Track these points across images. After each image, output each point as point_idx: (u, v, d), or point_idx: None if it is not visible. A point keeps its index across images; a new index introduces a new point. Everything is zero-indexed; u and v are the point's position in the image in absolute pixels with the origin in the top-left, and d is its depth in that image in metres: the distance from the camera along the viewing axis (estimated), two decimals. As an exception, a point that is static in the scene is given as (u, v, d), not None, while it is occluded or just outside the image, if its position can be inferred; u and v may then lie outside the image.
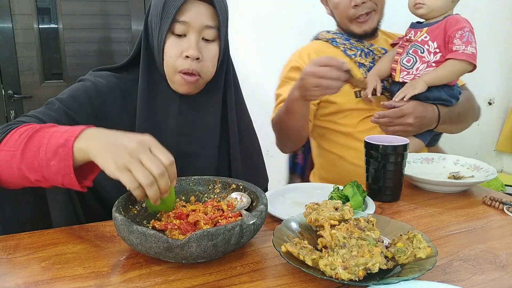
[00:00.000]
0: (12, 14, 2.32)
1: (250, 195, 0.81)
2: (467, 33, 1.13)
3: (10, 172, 0.72)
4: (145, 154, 0.65)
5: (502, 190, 2.74)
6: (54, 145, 0.68)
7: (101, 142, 0.67)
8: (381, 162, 0.95)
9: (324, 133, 1.36)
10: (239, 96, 1.05)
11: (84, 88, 0.90)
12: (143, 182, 0.63)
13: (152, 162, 0.65)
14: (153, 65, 0.93)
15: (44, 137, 0.70)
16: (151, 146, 0.67)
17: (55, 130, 0.72)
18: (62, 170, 0.68)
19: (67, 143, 0.68)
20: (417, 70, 1.20)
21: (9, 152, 0.72)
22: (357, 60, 1.26)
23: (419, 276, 0.57)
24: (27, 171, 0.70)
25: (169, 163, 0.67)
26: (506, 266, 0.68)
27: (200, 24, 0.86)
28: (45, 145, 0.69)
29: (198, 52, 0.87)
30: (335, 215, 0.68)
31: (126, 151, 0.65)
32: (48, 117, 0.83)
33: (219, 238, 0.62)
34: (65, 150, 0.67)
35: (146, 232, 0.61)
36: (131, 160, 0.64)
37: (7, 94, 2.38)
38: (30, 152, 0.70)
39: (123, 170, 0.64)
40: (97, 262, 0.68)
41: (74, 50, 2.47)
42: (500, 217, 0.89)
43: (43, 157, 0.69)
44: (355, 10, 1.19)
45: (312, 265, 0.61)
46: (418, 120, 1.16)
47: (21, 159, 0.70)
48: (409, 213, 0.91)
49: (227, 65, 0.99)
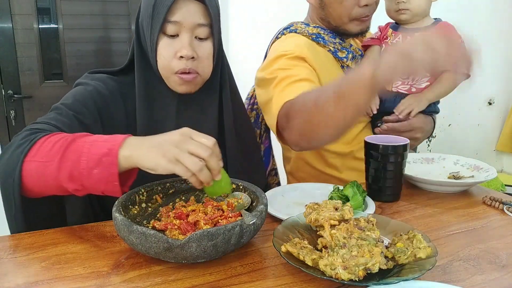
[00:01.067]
0: (12, 14, 2.32)
1: (250, 195, 0.81)
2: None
3: (43, 183, 0.73)
4: (190, 143, 0.69)
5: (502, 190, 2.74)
6: (97, 154, 0.70)
7: (146, 146, 0.70)
8: (381, 162, 0.95)
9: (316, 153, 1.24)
10: (236, 94, 1.05)
11: (87, 92, 0.90)
12: (193, 169, 0.67)
13: (198, 147, 0.68)
14: (148, 67, 0.92)
15: (83, 147, 0.71)
16: (192, 135, 0.70)
17: (94, 140, 0.73)
18: (105, 178, 0.70)
19: (111, 152, 0.69)
20: (413, 80, 1.14)
21: (42, 162, 0.72)
22: (348, 64, 1.16)
23: (419, 276, 0.57)
24: (64, 181, 0.71)
25: (213, 144, 0.70)
26: (506, 266, 0.68)
27: (192, 23, 0.85)
28: (86, 155, 0.70)
29: (192, 51, 0.86)
30: (335, 215, 0.68)
31: (173, 145, 0.68)
32: (61, 122, 0.83)
33: (219, 238, 0.62)
34: (110, 159, 0.69)
35: (146, 232, 0.61)
36: (179, 151, 0.68)
37: (7, 94, 2.38)
38: (69, 162, 0.71)
39: (175, 162, 0.67)
40: (97, 262, 0.68)
41: (74, 50, 2.47)
42: (500, 217, 0.89)
43: (85, 166, 0.70)
44: (362, 9, 1.11)
45: (312, 265, 0.61)
46: (424, 134, 1.17)
47: (59, 169, 0.71)
48: (409, 213, 0.91)
49: (222, 64, 0.98)
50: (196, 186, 0.71)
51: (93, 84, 0.92)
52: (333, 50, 1.16)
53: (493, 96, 3.27)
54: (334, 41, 1.16)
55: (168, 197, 0.84)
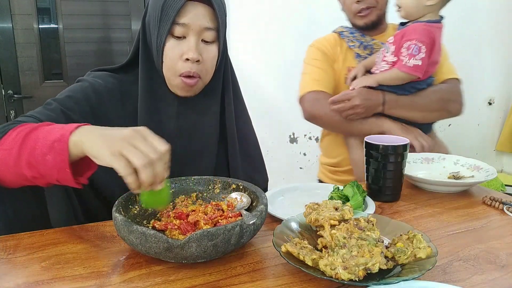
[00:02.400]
0: (12, 14, 2.32)
1: (250, 195, 0.81)
2: (413, 45, 1.22)
3: (7, 170, 0.73)
4: (141, 140, 0.64)
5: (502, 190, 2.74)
6: (50, 140, 0.69)
7: (96, 134, 0.67)
8: (381, 162, 0.95)
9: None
10: (238, 97, 1.05)
11: (81, 88, 0.90)
12: (138, 164, 0.62)
13: (148, 147, 0.63)
14: (152, 67, 0.92)
15: (40, 133, 0.71)
16: (146, 135, 0.66)
17: (52, 127, 0.72)
18: (57, 165, 0.68)
19: (62, 138, 0.68)
20: (379, 65, 1.33)
21: (6, 151, 0.72)
22: (356, 51, 1.42)
23: (419, 276, 0.57)
24: (23, 168, 0.71)
25: (164, 150, 0.65)
26: (506, 266, 0.68)
27: (200, 26, 0.86)
28: (41, 141, 0.69)
29: (198, 54, 0.86)
30: (335, 215, 0.68)
31: (120, 138, 0.64)
32: (46, 116, 0.83)
33: (219, 238, 0.62)
34: (61, 144, 0.67)
35: (146, 232, 0.61)
36: (125, 145, 0.63)
37: (7, 94, 2.38)
38: (27, 149, 0.70)
39: (118, 156, 0.62)
40: (97, 262, 0.68)
41: (74, 50, 2.47)
42: (500, 217, 0.89)
43: (39, 152, 0.69)
44: (357, 5, 1.34)
45: (312, 265, 0.61)
46: (364, 102, 1.27)
47: (18, 156, 0.71)
48: (409, 213, 0.91)
49: (225, 65, 0.98)
50: (132, 189, 0.64)
51: (90, 81, 0.92)
52: (346, 41, 1.44)
53: (493, 96, 3.27)
54: (349, 36, 1.43)
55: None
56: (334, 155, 1.49)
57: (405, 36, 1.26)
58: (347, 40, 1.43)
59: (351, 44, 1.42)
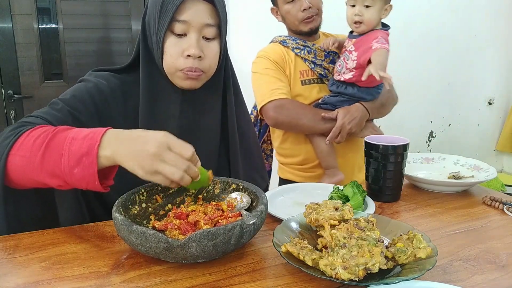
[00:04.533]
0: (12, 14, 2.32)
1: (250, 195, 0.81)
2: (380, 38, 1.40)
3: (26, 177, 0.73)
4: (167, 155, 0.69)
5: (502, 190, 2.74)
6: (77, 154, 0.70)
7: (125, 147, 0.70)
8: (381, 162, 0.95)
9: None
10: (239, 96, 1.05)
11: (86, 88, 0.90)
12: (174, 178, 0.69)
13: (176, 161, 0.69)
14: (154, 66, 0.92)
15: (63, 144, 0.71)
16: (169, 145, 0.69)
17: (73, 137, 0.72)
18: (86, 178, 0.70)
19: (90, 152, 0.70)
20: (343, 74, 1.47)
21: (25, 158, 0.72)
22: (302, 56, 1.56)
23: (419, 276, 0.57)
24: (48, 178, 0.72)
25: (190, 155, 0.70)
26: (506, 266, 0.68)
27: (200, 23, 0.86)
28: (66, 153, 0.70)
29: (200, 50, 0.86)
30: (335, 215, 0.68)
31: (149, 158, 0.68)
32: (53, 117, 0.83)
33: (219, 238, 0.62)
34: (89, 159, 0.69)
35: (146, 232, 0.61)
36: (156, 164, 0.68)
37: (7, 94, 2.38)
38: (51, 160, 0.71)
39: (153, 173, 0.69)
40: (97, 262, 0.68)
41: (74, 50, 2.47)
42: (500, 217, 0.89)
43: (66, 164, 0.70)
44: (303, 13, 1.50)
45: (312, 265, 0.61)
46: (354, 122, 1.43)
47: (41, 167, 0.71)
48: (409, 213, 0.91)
49: (225, 64, 0.98)
50: (175, 187, 0.76)
51: (94, 81, 0.92)
52: (291, 48, 1.56)
53: (493, 96, 3.27)
54: (292, 43, 1.57)
55: (168, 197, 0.84)
56: (297, 154, 1.59)
57: (369, 40, 1.40)
58: (292, 47, 1.56)
59: (297, 51, 1.55)
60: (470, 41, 3.03)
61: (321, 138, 1.49)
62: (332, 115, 1.45)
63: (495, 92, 3.27)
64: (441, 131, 3.15)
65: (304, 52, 1.55)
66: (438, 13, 2.87)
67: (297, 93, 1.54)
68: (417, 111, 2.99)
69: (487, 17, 3.04)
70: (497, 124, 3.37)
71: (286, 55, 1.55)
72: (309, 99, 1.55)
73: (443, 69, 2.99)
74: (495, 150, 3.41)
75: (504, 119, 3.35)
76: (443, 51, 2.94)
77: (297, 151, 1.59)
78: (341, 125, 1.42)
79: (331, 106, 1.49)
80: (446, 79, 3.04)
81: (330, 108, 1.49)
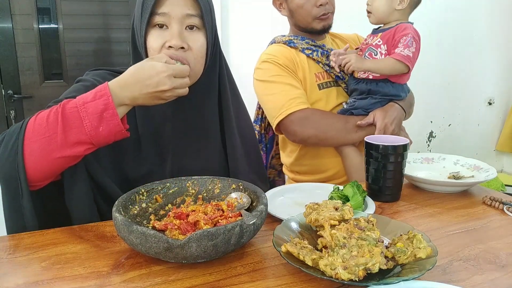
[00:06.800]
0: (12, 14, 2.32)
1: (250, 195, 0.81)
2: (409, 38, 1.28)
3: (48, 158, 0.75)
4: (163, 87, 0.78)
5: (502, 190, 2.74)
6: (96, 113, 0.75)
7: (131, 92, 0.78)
8: (381, 162, 0.95)
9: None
10: (236, 96, 1.04)
11: (84, 87, 0.90)
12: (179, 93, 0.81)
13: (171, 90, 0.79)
14: None
15: (77, 111, 0.75)
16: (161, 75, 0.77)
17: (83, 101, 0.76)
18: (113, 130, 0.77)
19: (108, 106, 0.76)
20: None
21: (45, 138, 0.75)
22: (315, 58, 1.40)
23: (419, 276, 0.57)
24: (74, 148, 0.75)
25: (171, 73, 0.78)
26: (506, 266, 0.68)
27: (181, 13, 0.85)
28: (86, 117, 0.75)
29: (182, 41, 0.85)
30: (335, 215, 0.68)
31: (154, 95, 0.79)
32: None
33: (219, 238, 0.62)
34: (109, 112, 0.76)
35: (146, 232, 0.61)
36: (159, 95, 0.80)
37: (7, 94, 2.38)
38: (73, 130, 0.75)
39: (161, 101, 0.81)
40: (97, 262, 0.68)
41: (74, 50, 2.47)
42: (500, 217, 0.89)
43: (90, 126, 0.75)
44: (319, 9, 1.36)
45: (312, 265, 0.61)
46: (395, 122, 1.30)
47: (65, 140, 0.75)
48: (409, 213, 0.91)
49: (219, 64, 0.97)
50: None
51: (91, 80, 0.93)
52: (300, 49, 1.40)
53: (493, 96, 3.27)
54: (301, 43, 1.41)
55: (168, 197, 0.84)
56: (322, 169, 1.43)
57: (397, 33, 1.29)
58: (301, 48, 1.39)
59: (308, 52, 1.39)
60: (470, 41, 3.03)
61: (354, 149, 1.34)
62: (368, 120, 1.29)
63: (495, 92, 3.27)
64: (441, 131, 3.15)
65: (317, 54, 1.39)
66: (439, 14, 2.87)
67: (316, 98, 1.37)
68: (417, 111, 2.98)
69: (487, 17, 3.04)
70: (497, 124, 3.37)
71: (296, 57, 1.39)
72: (329, 105, 1.38)
73: (443, 69, 2.99)
74: (495, 150, 3.41)
75: (504, 119, 3.35)
76: (443, 51, 2.94)
77: (322, 166, 1.41)
78: (384, 127, 1.27)
79: (363, 110, 1.32)
80: (446, 79, 3.03)
81: (362, 113, 1.32)
